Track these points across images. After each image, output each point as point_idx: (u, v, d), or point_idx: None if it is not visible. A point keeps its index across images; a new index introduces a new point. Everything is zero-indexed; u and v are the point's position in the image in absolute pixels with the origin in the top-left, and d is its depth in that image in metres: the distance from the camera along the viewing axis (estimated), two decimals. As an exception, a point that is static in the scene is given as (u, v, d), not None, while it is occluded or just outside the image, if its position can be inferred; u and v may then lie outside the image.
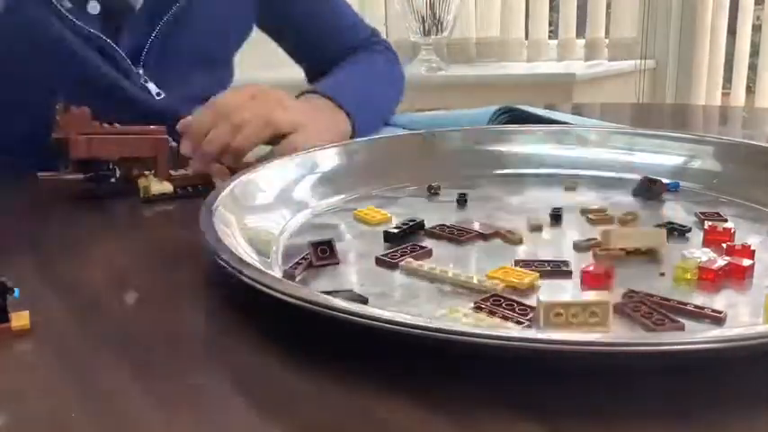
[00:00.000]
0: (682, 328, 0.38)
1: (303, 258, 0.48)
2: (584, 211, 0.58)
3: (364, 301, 0.41)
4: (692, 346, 0.32)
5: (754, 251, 0.47)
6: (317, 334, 0.38)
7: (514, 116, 0.84)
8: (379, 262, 0.49)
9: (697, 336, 0.35)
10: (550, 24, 2.38)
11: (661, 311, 0.39)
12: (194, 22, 0.93)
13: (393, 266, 0.48)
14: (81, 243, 0.57)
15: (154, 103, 0.90)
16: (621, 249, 0.48)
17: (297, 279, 0.46)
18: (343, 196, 0.63)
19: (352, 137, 0.82)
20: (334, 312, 0.35)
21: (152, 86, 0.91)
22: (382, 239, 0.53)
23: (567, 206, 0.59)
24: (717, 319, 0.40)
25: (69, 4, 0.83)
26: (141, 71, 0.91)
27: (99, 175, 0.68)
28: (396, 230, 0.53)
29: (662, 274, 0.46)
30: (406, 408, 0.32)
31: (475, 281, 0.44)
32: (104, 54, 0.87)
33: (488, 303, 0.41)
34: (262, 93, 0.76)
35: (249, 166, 0.66)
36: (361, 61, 1.08)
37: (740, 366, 0.35)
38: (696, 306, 0.41)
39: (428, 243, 0.52)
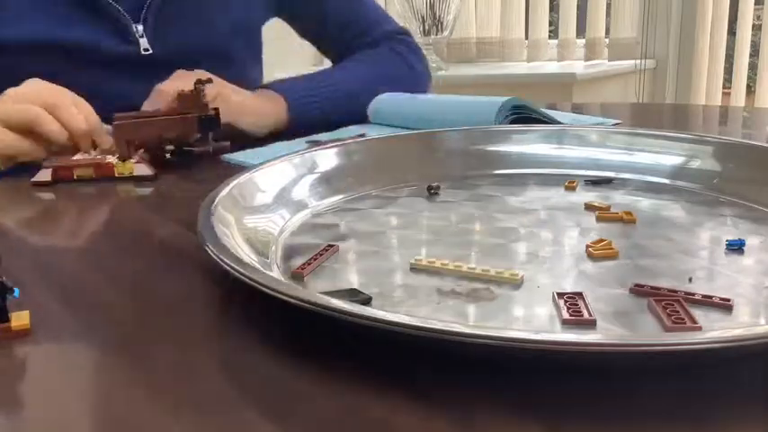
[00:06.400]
0: (698, 330, 0.38)
1: (313, 258, 0.48)
2: (589, 207, 0.59)
3: (367, 300, 0.41)
4: (690, 347, 0.32)
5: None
6: (317, 334, 0.38)
7: (519, 117, 0.85)
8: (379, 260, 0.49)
9: (696, 337, 0.35)
10: (550, 24, 2.38)
11: (686, 310, 0.40)
12: None
13: (393, 266, 0.48)
14: (82, 242, 0.57)
15: (141, 59, 0.94)
16: None
17: (305, 278, 0.46)
18: (342, 196, 0.63)
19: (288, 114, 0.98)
20: (334, 312, 0.35)
21: (143, 41, 0.95)
22: (382, 239, 0.53)
23: (567, 206, 0.59)
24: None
25: None
26: (141, 27, 0.94)
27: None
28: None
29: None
30: (405, 408, 0.32)
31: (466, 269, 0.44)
32: (101, 13, 0.90)
33: None
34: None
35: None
36: (360, 59, 1.10)
37: (742, 367, 0.35)
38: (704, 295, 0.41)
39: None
